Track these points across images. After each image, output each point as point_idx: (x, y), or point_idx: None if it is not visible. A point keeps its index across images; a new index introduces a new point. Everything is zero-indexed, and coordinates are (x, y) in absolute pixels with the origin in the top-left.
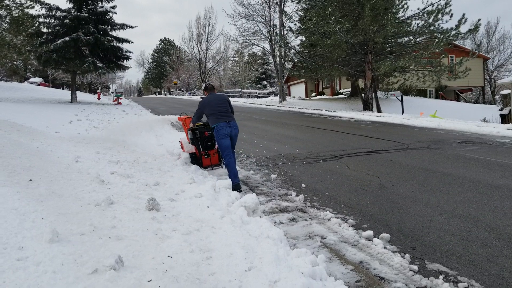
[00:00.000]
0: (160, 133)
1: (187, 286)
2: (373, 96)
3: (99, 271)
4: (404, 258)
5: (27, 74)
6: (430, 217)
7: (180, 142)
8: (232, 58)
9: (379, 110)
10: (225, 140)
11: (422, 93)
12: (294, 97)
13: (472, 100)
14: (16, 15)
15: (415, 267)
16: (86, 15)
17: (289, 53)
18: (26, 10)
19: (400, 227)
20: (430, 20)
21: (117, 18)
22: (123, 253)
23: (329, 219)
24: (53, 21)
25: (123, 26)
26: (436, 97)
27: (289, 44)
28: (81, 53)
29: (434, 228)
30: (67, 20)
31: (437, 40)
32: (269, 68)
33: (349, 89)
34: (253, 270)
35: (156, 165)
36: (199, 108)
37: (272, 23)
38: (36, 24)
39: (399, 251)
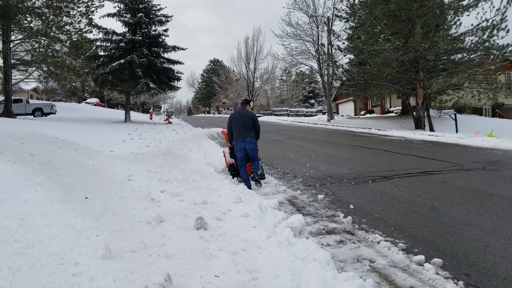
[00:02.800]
0: (209, 152)
1: None
2: (425, 114)
3: None
4: (457, 285)
5: (85, 95)
6: (486, 242)
7: (223, 152)
8: (280, 77)
9: (431, 129)
10: (239, 153)
11: (477, 111)
12: (343, 116)
13: None
14: (75, 39)
15: None
16: (140, 38)
17: (337, 72)
18: (85, 35)
19: (453, 252)
20: (485, 36)
21: (169, 41)
22: (171, 271)
23: (378, 242)
24: (109, 44)
25: (174, 48)
26: (493, 115)
27: (337, 63)
28: (135, 74)
29: (489, 254)
30: (122, 44)
31: (492, 57)
32: (317, 86)
33: (400, 107)
34: None
35: (204, 184)
36: (228, 124)
37: (320, 42)
38: (94, 48)
39: (452, 277)
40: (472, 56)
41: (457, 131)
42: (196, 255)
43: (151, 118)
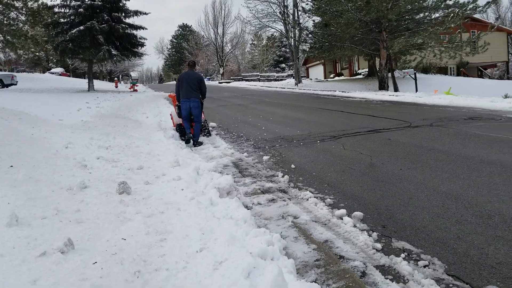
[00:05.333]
0: (165, 119)
1: (130, 268)
2: (388, 75)
3: (47, 254)
4: (370, 236)
5: (49, 64)
6: (411, 195)
7: (170, 115)
8: (250, 42)
9: (396, 89)
10: (184, 111)
11: (443, 70)
12: (311, 79)
13: (496, 76)
14: (31, 6)
15: (379, 246)
16: (100, 3)
17: (303, 34)
18: (42, 0)
19: (377, 206)
20: None
21: (135, 6)
22: (79, 236)
23: (307, 199)
24: (68, 10)
25: (136, 13)
26: (458, 74)
27: (301, 25)
28: (96, 41)
29: (411, 206)
30: (81, 9)
31: (452, 15)
32: (287, 50)
33: (367, 69)
34: (204, 251)
35: (147, 150)
36: (176, 85)
37: (285, 4)
38: (52, 15)
39: (369, 229)
40: (434, 15)
41: (416, 90)
42: (110, 219)
43: (116, 87)
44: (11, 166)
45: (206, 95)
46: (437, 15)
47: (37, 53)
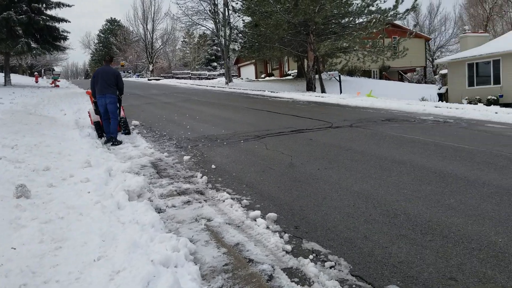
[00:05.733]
0: (84, 116)
1: (15, 281)
2: (315, 77)
3: None
4: (282, 238)
5: None
6: (325, 195)
7: (88, 112)
8: (182, 39)
9: (323, 91)
10: (101, 108)
11: (367, 73)
12: (242, 79)
13: (415, 80)
14: None
15: (289, 247)
16: None
17: (233, 34)
18: None
19: (292, 206)
20: (369, 1)
21: None
22: None
23: (224, 201)
24: None
25: (59, 4)
26: (380, 78)
27: (231, 24)
28: (14, 33)
29: (324, 206)
30: None
31: (374, 20)
32: (219, 49)
33: (296, 71)
34: (102, 260)
35: (58, 149)
36: (91, 81)
37: (215, 2)
38: None
39: (281, 230)
40: (358, 20)
41: (341, 92)
42: (2, 226)
43: (36, 82)
44: None
45: (124, 91)
46: (361, 20)
47: None
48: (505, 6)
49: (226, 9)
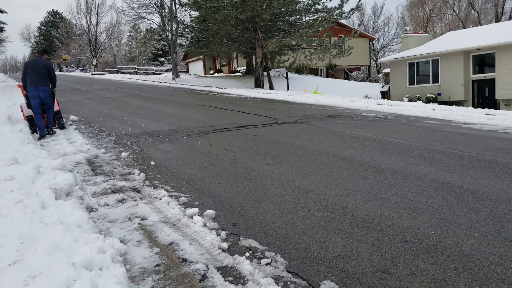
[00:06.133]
0: (18, 111)
1: None
2: (263, 73)
3: None
4: (219, 235)
5: None
6: (266, 191)
7: (20, 107)
8: (128, 33)
9: (271, 88)
10: (34, 100)
11: (314, 71)
12: (190, 75)
13: (360, 79)
14: None
15: (225, 245)
16: None
17: (180, 28)
18: None
19: (232, 203)
20: None
21: None
22: None
23: (161, 198)
24: None
25: None
26: (327, 76)
27: (176, 18)
28: None
29: (265, 202)
30: None
31: (320, 19)
32: (166, 44)
33: (245, 67)
34: (18, 264)
35: None
36: (22, 72)
37: None
38: None
39: (219, 228)
40: (305, 18)
41: (288, 89)
42: None
43: None
44: None
45: (56, 83)
46: (308, 18)
47: None
48: (444, 8)
49: (173, 3)
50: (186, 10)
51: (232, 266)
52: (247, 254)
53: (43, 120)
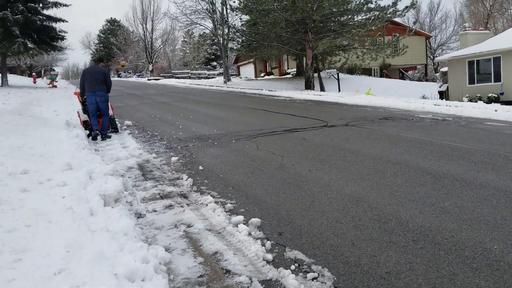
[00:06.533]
0: (76, 116)
1: None
2: (314, 75)
3: None
4: (264, 246)
5: None
6: (313, 198)
7: (77, 112)
8: (182, 39)
9: (322, 89)
10: (91, 106)
11: (367, 72)
12: (241, 78)
13: (416, 78)
14: None
15: (270, 257)
16: None
17: (230, 33)
18: None
19: (278, 210)
20: None
21: None
22: None
23: (207, 205)
24: None
25: (56, 4)
26: (381, 76)
27: (227, 23)
28: (11, 33)
29: (312, 210)
30: None
31: (373, 18)
32: (218, 48)
33: (295, 69)
34: (63, 273)
35: (42, 151)
36: (80, 79)
37: (212, 1)
38: None
39: (264, 237)
40: (357, 17)
41: (339, 90)
42: None
43: (34, 82)
44: None
45: (111, 89)
46: (359, 17)
47: None
48: (506, 4)
49: (224, 7)
50: (236, 15)
51: (276, 279)
52: (293, 267)
53: (98, 124)
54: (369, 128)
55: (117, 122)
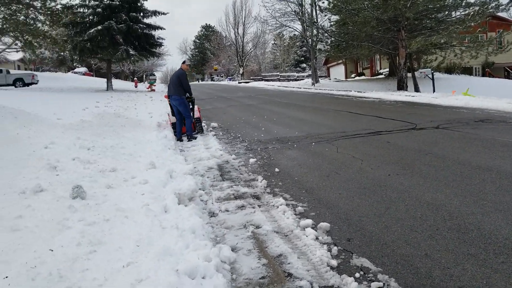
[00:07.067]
0: (168, 111)
1: (40, 284)
2: (407, 75)
3: None
4: (330, 251)
5: (74, 64)
6: (389, 204)
7: (168, 114)
8: (272, 42)
9: (417, 90)
10: (173, 108)
11: (468, 71)
12: (330, 79)
13: None
14: (49, 5)
15: (335, 263)
16: (118, 3)
17: (319, 34)
18: (60, 1)
19: (350, 216)
20: None
21: (158, 6)
22: (6, 246)
23: (278, 207)
24: (86, 10)
25: (155, 13)
26: (483, 75)
27: (315, 24)
28: (115, 41)
29: (386, 217)
30: (99, 9)
31: (473, 13)
32: (307, 50)
33: (388, 69)
34: (130, 266)
35: (131, 151)
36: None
37: (301, 3)
38: (71, 15)
39: (331, 243)
40: (455, 13)
41: (434, 91)
42: (48, 227)
43: (136, 86)
44: None
45: (191, 91)
46: (458, 13)
47: (62, 53)
48: None
49: (313, 9)
50: (325, 15)
51: (338, 286)
52: (357, 274)
53: (183, 127)
54: (462, 131)
55: (203, 124)
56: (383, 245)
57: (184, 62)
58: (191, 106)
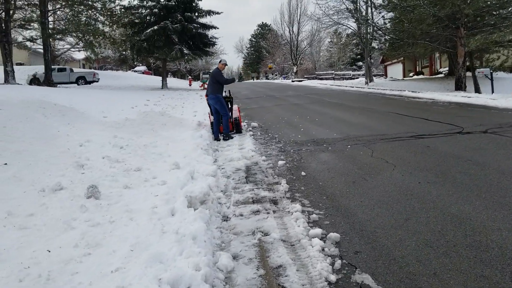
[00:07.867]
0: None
1: (27, 286)
2: (465, 74)
3: None
4: (332, 265)
5: (134, 63)
6: (410, 215)
7: (208, 113)
8: (329, 40)
9: (477, 90)
10: (211, 108)
11: None
12: (385, 78)
13: None
14: (110, 7)
15: (333, 278)
16: (174, 3)
17: (374, 31)
18: (119, 2)
19: (365, 226)
20: None
21: (216, 6)
22: (9, 244)
23: (292, 213)
24: (144, 11)
25: (209, 12)
26: None
27: (370, 21)
28: (170, 40)
29: (403, 229)
30: (156, 10)
31: None
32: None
33: (447, 68)
34: (118, 272)
35: (162, 150)
36: None
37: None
38: (129, 15)
39: (337, 255)
40: None
41: (492, 92)
42: (55, 226)
43: (190, 85)
44: (5, 164)
45: (228, 83)
46: None
47: (123, 52)
48: None
49: (367, 6)
50: (380, 12)
51: None
52: None
53: (220, 126)
54: (511, 137)
55: (244, 124)
56: (391, 261)
57: (220, 61)
58: (229, 106)
